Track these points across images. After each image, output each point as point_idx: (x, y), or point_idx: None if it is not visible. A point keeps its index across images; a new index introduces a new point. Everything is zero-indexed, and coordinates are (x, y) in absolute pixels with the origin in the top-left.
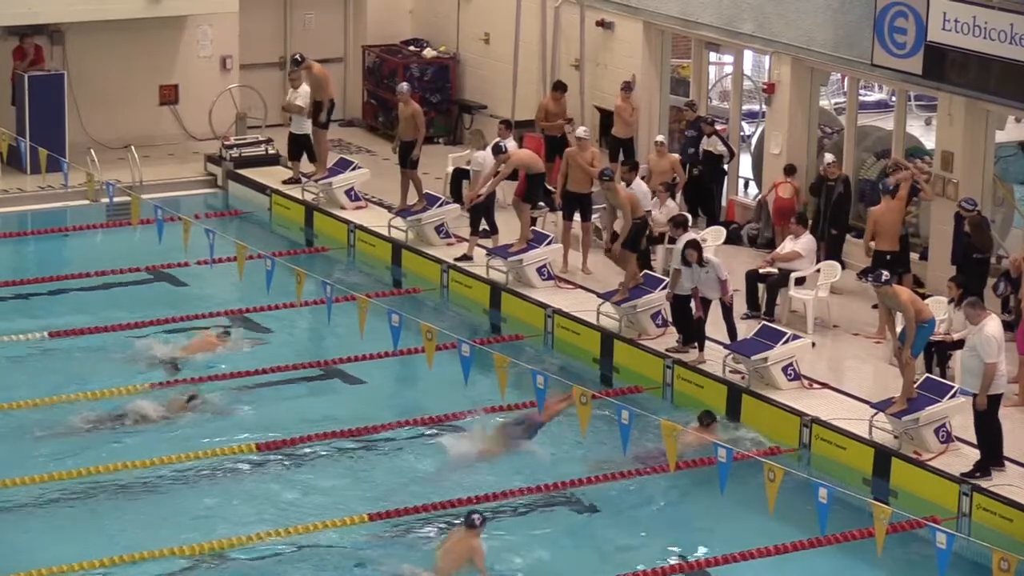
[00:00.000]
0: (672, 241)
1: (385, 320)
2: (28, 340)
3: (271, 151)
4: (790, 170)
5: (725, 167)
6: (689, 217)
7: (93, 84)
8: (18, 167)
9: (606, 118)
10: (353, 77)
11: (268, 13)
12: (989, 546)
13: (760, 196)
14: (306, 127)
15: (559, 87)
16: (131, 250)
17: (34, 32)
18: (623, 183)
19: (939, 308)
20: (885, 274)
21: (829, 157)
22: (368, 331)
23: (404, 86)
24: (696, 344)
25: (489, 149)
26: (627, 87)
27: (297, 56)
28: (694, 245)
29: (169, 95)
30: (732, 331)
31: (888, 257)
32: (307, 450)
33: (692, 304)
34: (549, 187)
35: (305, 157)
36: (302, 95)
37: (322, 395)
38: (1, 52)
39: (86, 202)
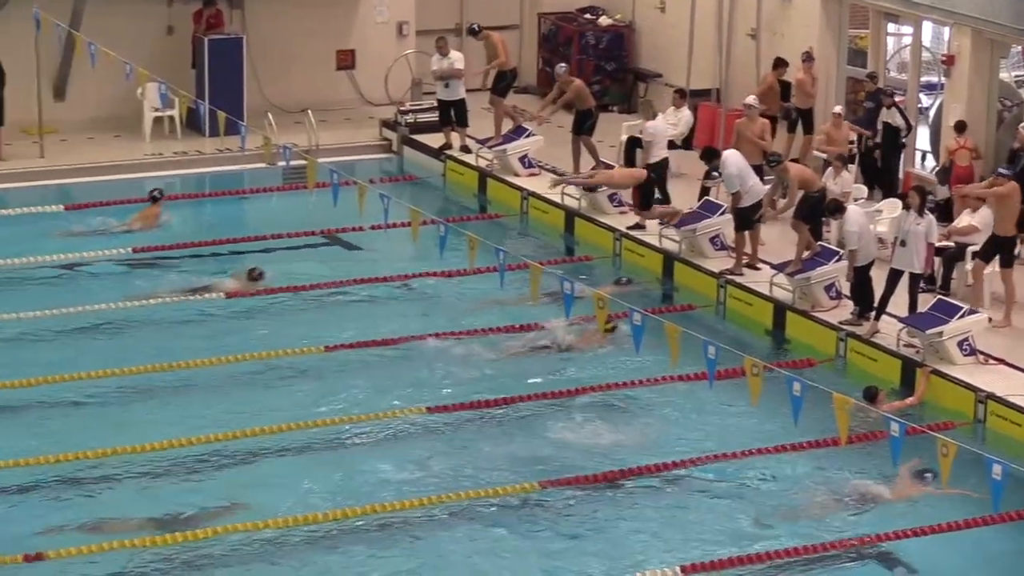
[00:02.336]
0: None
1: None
2: (205, 300)
3: None
4: (960, 127)
5: (903, 140)
6: (861, 193)
7: (271, 48)
8: (197, 129)
9: (784, 89)
10: (528, 44)
11: None
12: None
13: (939, 166)
14: (461, 92)
15: (781, 63)
16: (306, 213)
17: None
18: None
19: None
20: None
21: None
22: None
23: (562, 67)
24: (871, 315)
25: (660, 118)
26: (808, 58)
27: (474, 26)
28: (920, 192)
29: (346, 60)
30: (913, 304)
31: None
32: (483, 414)
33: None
34: None
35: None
36: (456, 60)
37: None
38: (182, 16)
39: (263, 165)
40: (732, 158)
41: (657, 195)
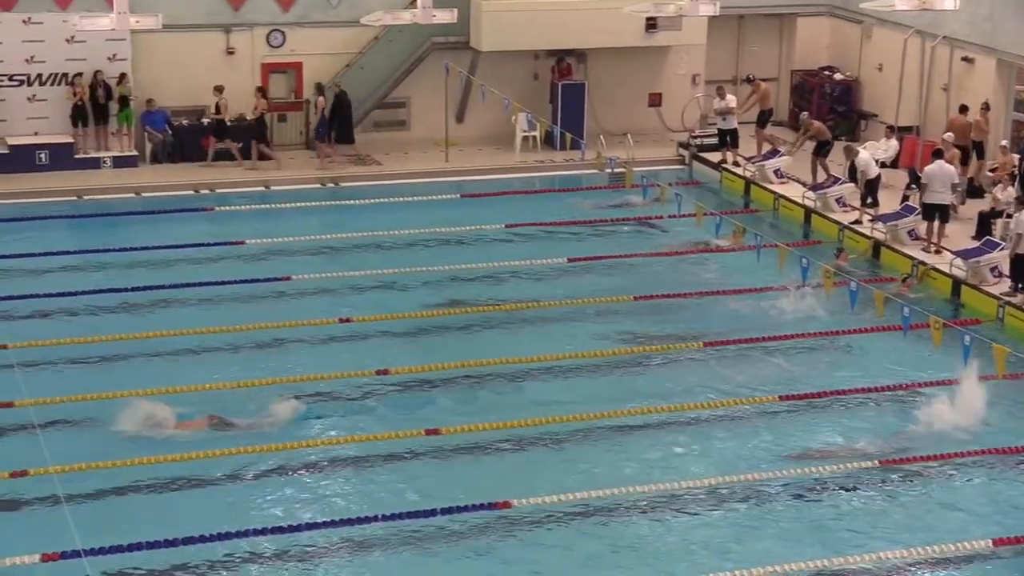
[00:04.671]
0: (1009, 216)
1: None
2: (550, 264)
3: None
4: None
5: None
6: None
7: (604, 90)
8: (551, 145)
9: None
10: (783, 91)
11: (726, 44)
12: None
13: None
14: (734, 124)
15: (964, 109)
16: (624, 206)
17: (567, 54)
18: None
19: None
20: None
21: None
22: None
23: (804, 114)
24: None
25: (862, 151)
26: (986, 106)
27: (750, 75)
28: None
29: (655, 100)
30: None
31: None
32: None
33: None
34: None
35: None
36: (731, 101)
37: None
38: (544, 67)
39: (595, 171)
40: (939, 169)
41: (870, 200)
